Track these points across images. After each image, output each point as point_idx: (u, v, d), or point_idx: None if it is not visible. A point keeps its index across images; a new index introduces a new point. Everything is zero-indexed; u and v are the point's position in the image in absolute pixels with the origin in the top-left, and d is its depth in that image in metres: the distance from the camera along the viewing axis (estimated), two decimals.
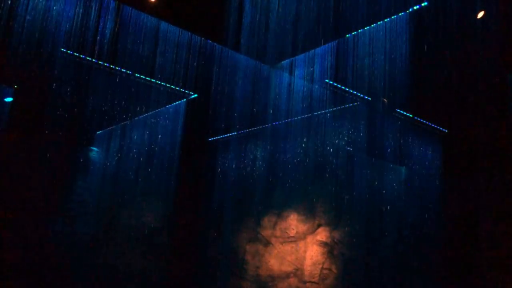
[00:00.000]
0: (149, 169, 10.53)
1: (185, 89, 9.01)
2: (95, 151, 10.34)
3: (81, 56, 8.20)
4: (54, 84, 8.97)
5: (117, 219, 10.49)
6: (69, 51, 8.07)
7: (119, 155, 10.29)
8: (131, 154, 10.24)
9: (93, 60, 8.22)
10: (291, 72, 8.46)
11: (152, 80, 8.69)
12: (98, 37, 7.63)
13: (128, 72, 8.54)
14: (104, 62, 8.29)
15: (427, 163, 9.40)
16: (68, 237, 9.71)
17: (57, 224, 9.59)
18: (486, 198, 8.30)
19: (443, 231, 8.74)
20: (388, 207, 9.58)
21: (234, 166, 11.27)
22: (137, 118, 10.04)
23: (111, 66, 8.46)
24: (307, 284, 10.14)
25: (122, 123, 10.21)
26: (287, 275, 10.47)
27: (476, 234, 8.25)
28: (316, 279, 10.07)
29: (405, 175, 9.85)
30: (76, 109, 9.68)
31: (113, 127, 10.26)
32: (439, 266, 8.65)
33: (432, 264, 8.79)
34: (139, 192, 10.73)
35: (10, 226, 8.90)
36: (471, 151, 8.55)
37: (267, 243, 11.05)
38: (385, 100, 8.22)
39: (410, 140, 9.29)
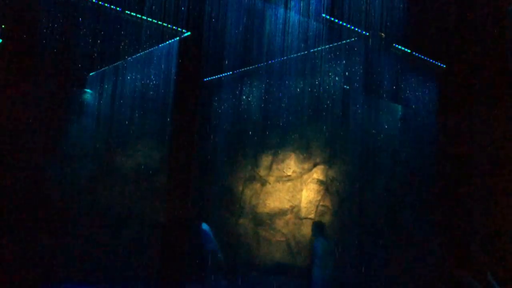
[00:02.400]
0: (144, 111, 10.46)
1: (177, 27, 8.75)
2: (88, 93, 10.21)
3: None
4: (43, 24, 8.71)
5: (114, 161, 10.54)
6: None
7: (113, 96, 10.17)
8: (125, 95, 10.13)
9: None
10: (286, 6, 8.19)
11: (143, 17, 8.41)
12: None
13: (117, 8, 8.24)
14: None
15: (423, 100, 9.35)
16: (67, 179, 9.79)
17: (54, 166, 9.63)
18: (481, 135, 8.32)
19: (437, 168, 8.84)
20: (383, 144, 9.63)
21: (229, 106, 11.20)
22: (129, 58, 9.83)
23: (100, 2, 8.15)
24: (304, 220, 10.39)
25: (115, 64, 10.01)
26: (284, 213, 10.72)
27: (470, 170, 8.35)
28: (312, 216, 10.31)
29: (401, 112, 9.83)
30: (66, 50, 9.46)
31: (105, 68, 10.07)
32: (431, 202, 8.82)
33: (424, 200, 8.97)
34: (135, 134, 10.71)
35: (8, 169, 8.94)
36: (469, 87, 8.47)
37: (264, 182, 11.21)
38: (382, 34, 8.03)
39: (407, 77, 9.19)
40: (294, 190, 10.68)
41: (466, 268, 5.19)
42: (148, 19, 8.44)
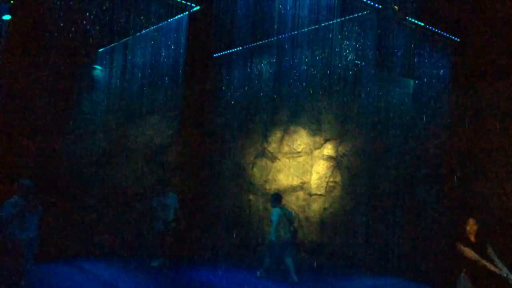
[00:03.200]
0: (154, 87, 10.45)
1: (186, 1, 8.64)
2: (98, 69, 10.19)
3: None
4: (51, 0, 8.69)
5: (125, 137, 10.59)
6: None
7: (123, 72, 10.16)
8: (135, 71, 10.11)
9: None
10: None
11: None
12: None
13: None
14: None
15: (436, 74, 9.19)
16: (78, 154, 9.88)
17: (66, 142, 9.71)
18: (496, 109, 8.20)
19: (450, 143, 8.75)
20: (395, 120, 9.54)
21: (239, 82, 11.14)
22: (138, 34, 9.76)
23: None
24: (314, 197, 10.43)
25: (124, 40, 9.96)
26: (294, 189, 10.74)
27: (484, 145, 8.26)
28: (322, 192, 10.33)
29: (413, 88, 9.69)
30: (75, 26, 9.44)
31: (115, 44, 10.02)
32: (444, 176, 8.77)
33: (437, 174, 8.91)
34: (145, 110, 10.74)
35: (19, 144, 9.04)
36: (483, 61, 8.31)
37: (274, 159, 11.22)
38: (395, 7, 7.85)
39: (420, 51, 9.01)
40: (304, 166, 10.68)
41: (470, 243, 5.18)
42: None
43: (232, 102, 11.27)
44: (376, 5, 8.12)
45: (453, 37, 8.60)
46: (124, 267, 8.86)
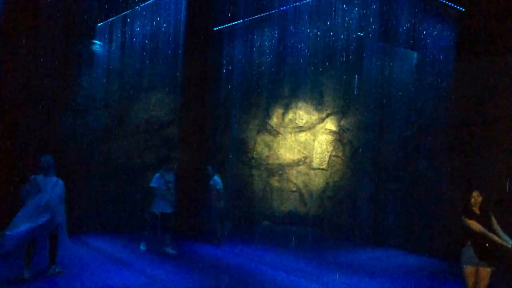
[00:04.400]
0: (154, 62, 10.31)
1: None
2: (97, 45, 10.04)
3: None
4: None
5: (126, 113, 10.51)
6: None
7: (122, 47, 10.01)
8: (134, 46, 9.95)
9: None
10: None
11: None
12: None
13: None
14: None
15: (440, 46, 9.05)
16: (79, 131, 9.83)
17: (67, 118, 9.65)
18: (500, 81, 8.10)
19: (453, 115, 8.69)
20: (398, 93, 9.45)
21: (241, 56, 10.99)
22: (137, 7, 9.58)
23: None
24: (316, 171, 10.43)
25: (123, 14, 9.77)
26: (297, 163, 10.74)
27: (487, 118, 8.20)
28: (324, 166, 10.33)
29: (417, 60, 9.57)
30: (73, 0, 9.27)
31: (113, 18, 9.84)
32: (446, 149, 8.74)
33: (439, 147, 8.88)
34: (146, 86, 10.63)
35: (20, 121, 8.98)
36: (489, 32, 8.17)
37: (276, 133, 11.17)
38: None
39: (423, 21, 8.85)
40: (306, 140, 10.65)
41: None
42: None
43: (234, 77, 11.15)
44: None
45: (458, 7, 8.42)
46: (127, 242, 8.92)
